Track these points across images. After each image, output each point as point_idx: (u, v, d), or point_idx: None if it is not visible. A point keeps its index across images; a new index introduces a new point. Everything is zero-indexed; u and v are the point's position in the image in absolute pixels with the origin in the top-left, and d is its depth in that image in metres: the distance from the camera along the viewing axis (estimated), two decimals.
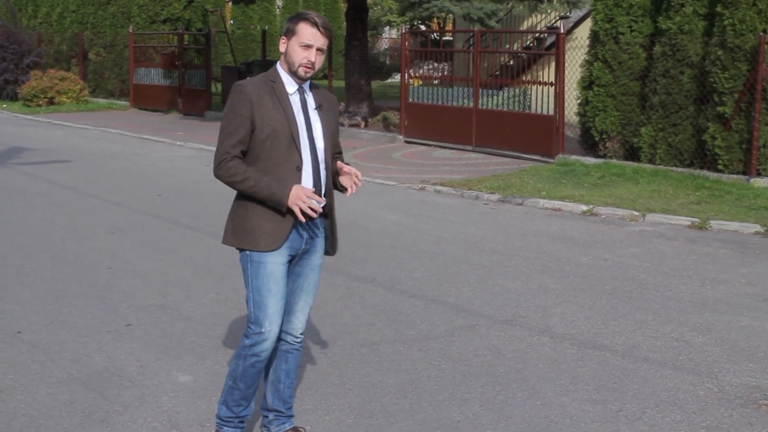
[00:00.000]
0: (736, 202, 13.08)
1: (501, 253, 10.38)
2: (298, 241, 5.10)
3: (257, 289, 5.05)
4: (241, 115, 4.94)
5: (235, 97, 4.98)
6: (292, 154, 4.98)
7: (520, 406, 6.07)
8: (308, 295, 5.29)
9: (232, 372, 5.20)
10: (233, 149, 4.95)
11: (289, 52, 5.02)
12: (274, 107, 4.97)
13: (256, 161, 4.99)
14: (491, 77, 21.02)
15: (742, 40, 14.31)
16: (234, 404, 5.24)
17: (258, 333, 5.05)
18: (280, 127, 4.95)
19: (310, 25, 4.95)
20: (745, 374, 6.66)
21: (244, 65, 27.33)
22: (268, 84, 5.03)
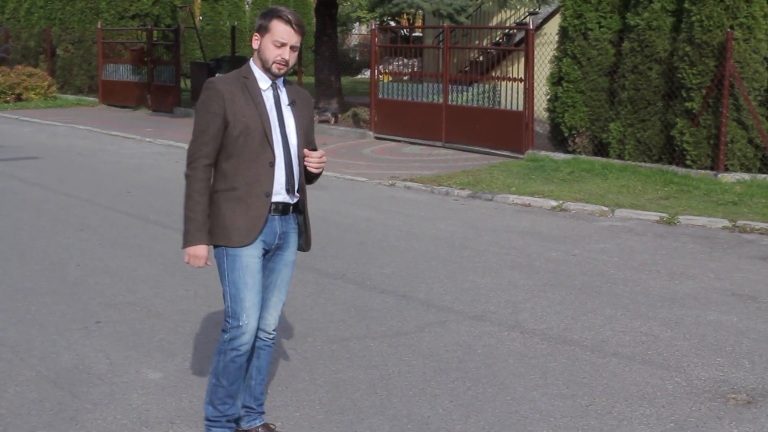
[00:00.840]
0: (704, 197, 13.16)
1: (471, 248, 10.40)
2: (271, 236, 5.12)
3: (233, 283, 5.07)
4: (212, 112, 4.95)
5: (207, 94, 4.99)
6: (265, 151, 5.00)
7: (491, 401, 6.09)
8: (281, 291, 5.31)
9: (215, 369, 5.20)
10: (205, 147, 4.97)
11: (262, 49, 5.03)
12: (247, 104, 4.98)
13: (230, 158, 5.00)
14: (461, 73, 21.04)
15: (709, 36, 14.39)
16: (219, 403, 5.23)
17: (236, 327, 5.06)
18: (253, 123, 4.96)
19: (284, 22, 4.96)
20: (713, 368, 6.71)
21: (213, 61, 27.22)
22: (240, 80, 5.04)
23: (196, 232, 4.99)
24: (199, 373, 6.55)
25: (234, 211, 5.01)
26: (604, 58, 16.26)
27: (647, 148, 15.53)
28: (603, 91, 16.36)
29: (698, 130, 14.65)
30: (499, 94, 18.79)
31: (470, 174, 15.43)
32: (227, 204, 5.02)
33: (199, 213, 4.98)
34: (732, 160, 14.46)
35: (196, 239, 5.00)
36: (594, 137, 16.47)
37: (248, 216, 5.00)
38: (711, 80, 14.42)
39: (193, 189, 4.99)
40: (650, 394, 6.21)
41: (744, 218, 11.74)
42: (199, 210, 4.98)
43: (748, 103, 14.17)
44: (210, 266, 5.16)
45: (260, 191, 5.01)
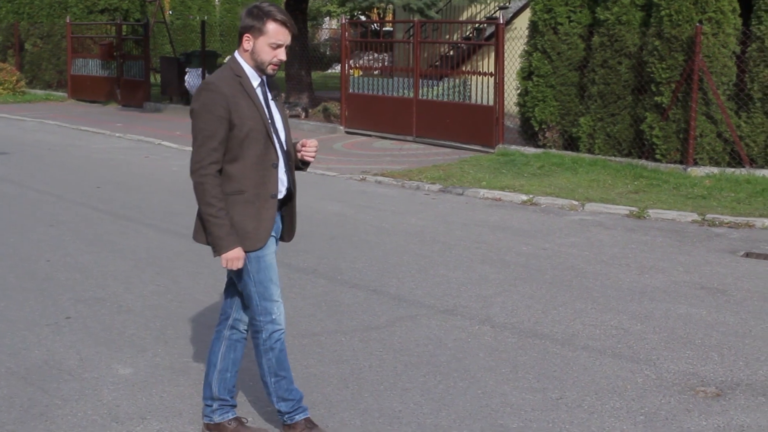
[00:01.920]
0: (673, 191, 13.23)
1: (442, 243, 10.41)
2: (277, 230, 5.24)
3: (261, 283, 5.11)
4: (218, 116, 4.90)
5: (210, 97, 4.93)
6: (269, 152, 5.02)
7: (461, 395, 6.10)
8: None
9: (269, 369, 5.25)
10: (215, 153, 4.92)
11: (257, 51, 4.98)
12: (248, 106, 4.96)
13: (235, 160, 4.98)
14: (431, 68, 21.05)
15: (678, 30, 14.46)
16: (288, 393, 5.30)
17: (270, 321, 5.15)
18: (257, 125, 4.97)
19: (280, 24, 4.93)
20: (683, 361, 6.75)
21: (183, 56, 27.07)
22: (236, 80, 5.00)
23: (227, 237, 4.95)
24: (169, 369, 6.53)
25: (243, 214, 5.01)
26: (574, 53, 16.31)
27: (617, 143, 15.60)
28: (573, 85, 16.42)
29: (667, 124, 14.72)
30: (469, 88, 18.81)
31: (441, 168, 15.44)
32: (236, 208, 5.00)
33: (224, 218, 4.93)
34: (701, 154, 14.54)
35: (230, 243, 4.96)
36: (564, 131, 16.52)
37: (258, 219, 5.04)
38: (680, 74, 14.49)
39: (210, 195, 4.92)
40: (620, 387, 6.25)
41: (713, 212, 11.81)
42: (223, 215, 4.93)
43: (716, 98, 14.26)
44: (181, 262, 5.13)
45: (267, 193, 5.04)
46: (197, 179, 4.94)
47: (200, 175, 4.93)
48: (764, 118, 14.28)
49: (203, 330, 7.35)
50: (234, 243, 4.96)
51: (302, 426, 5.33)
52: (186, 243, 10.20)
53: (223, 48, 40.50)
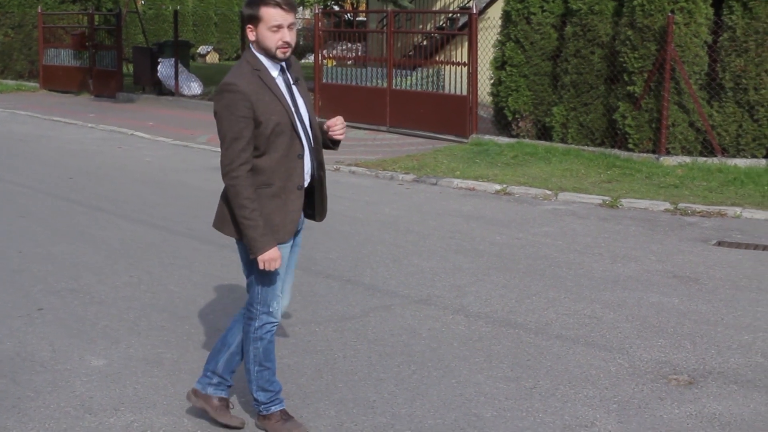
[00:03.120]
0: (646, 180, 13.29)
1: (416, 233, 10.42)
2: (300, 222, 5.24)
3: (269, 275, 5.12)
4: (243, 117, 4.88)
5: (231, 98, 4.90)
6: (294, 143, 5.02)
7: (436, 384, 6.11)
8: (291, 274, 5.41)
9: (255, 358, 5.28)
10: (243, 153, 4.90)
11: (260, 39, 4.95)
12: (271, 100, 4.94)
13: (263, 154, 4.97)
14: (405, 58, 21.03)
15: (651, 20, 14.50)
16: (268, 384, 5.34)
17: (266, 312, 5.19)
18: (282, 119, 4.96)
19: (272, 6, 4.88)
20: (656, 349, 6.78)
21: (156, 46, 26.93)
22: (255, 75, 4.96)
23: (262, 238, 4.93)
24: (143, 360, 6.51)
25: (271, 207, 5.01)
26: (547, 43, 16.33)
27: (590, 132, 15.65)
28: (546, 75, 16.44)
29: (640, 113, 14.77)
30: (443, 78, 18.81)
31: (415, 158, 15.45)
32: (263, 200, 4.99)
33: (258, 219, 4.92)
34: (673, 143, 14.60)
35: (266, 244, 4.94)
36: (537, 121, 16.55)
37: (285, 212, 5.05)
38: (652, 64, 14.54)
39: (243, 197, 4.90)
40: (593, 376, 6.27)
41: (685, 201, 11.86)
42: (256, 216, 4.92)
43: (689, 87, 14.31)
44: (154, 253, 5.12)
45: (293, 185, 5.05)
46: (229, 182, 4.93)
47: (232, 177, 4.91)
48: (736, 108, 14.35)
49: (177, 321, 7.34)
50: (269, 243, 4.95)
51: (277, 417, 5.34)
52: (159, 234, 10.17)
53: (196, 38, 40.36)
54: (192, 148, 17.29)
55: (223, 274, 8.67)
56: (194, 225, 10.59)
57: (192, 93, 25.58)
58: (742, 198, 12.02)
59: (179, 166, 15.17)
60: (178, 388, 6.02)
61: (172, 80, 25.56)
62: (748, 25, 14.12)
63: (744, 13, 14.20)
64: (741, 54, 14.22)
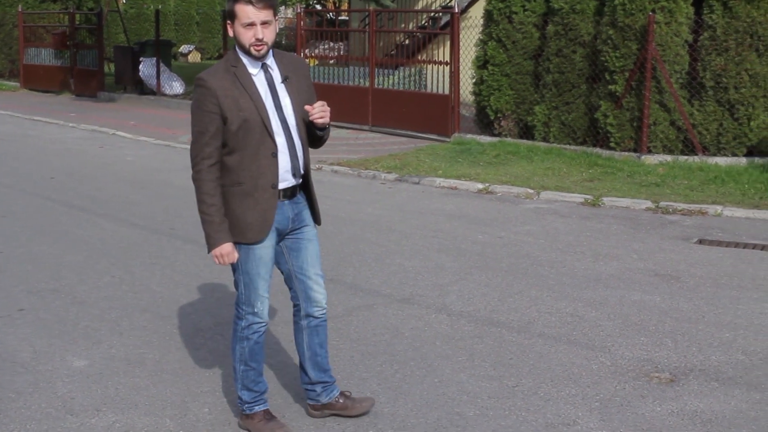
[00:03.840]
0: (627, 179, 13.32)
1: (398, 231, 10.42)
2: (284, 222, 5.18)
3: (247, 273, 5.14)
4: (208, 111, 4.92)
5: (199, 92, 4.95)
6: (266, 141, 4.99)
7: (418, 383, 6.12)
8: (315, 265, 5.37)
9: (240, 356, 5.29)
10: (207, 147, 4.94)
11: (236, 36, 4.98)
12: (241, 96, 4.95)
13: (232, 152, 4.99)
14: (387, 57, 21.04)
15: (632, 19, 14.55)
16: (253, 384, 5.35)
17: (251, 313, 5.20)
18: (251, 116, 4.94)
19: (245, 3, 4.88)
20: (637, 347, 6.80)
21: (137, 45, 26.89)
22: (230, 71, 4.99)
23: (215, 234, 4.97)
24: (124, 360, 6.50)
25: (243, 206, 5.02)
26: (529, 42, 16.36)
27: (572, 131, 15.69)
28: (528, 74, 16.48)
29: (621, 112, 14.82)
30: (425, 77, 18.83)
31: (397, 157, 15.45)
32: (235, 199, 5.02)
33: (215, 214, 4.96)
34: (655, 142, 14.65)
35: (219, 240, 4.98)
36: (519, 120, 16.58)
37: (257, 210, 5.03)
38: (634, 63, 14.59)
39: (202, 191, 4.96)
40: (576, 374, 6.29)
41: (666, 199, 11.90)
42: (214, 211, 4.96)
43: (670, 86, 14.37)
44: (136, 253, 5.11)
45: (266, 184, 5.02)
46: (193, 175, 5.00)
47: (195, 171, 4.98)
48: (716, 107, 14.40)
49: (159, 321, 7.32)
50: (222, 239, 4.98)
51: (260, 417, 5.35)
52: (141, 233, 10.15)
53: (178, 37, 40.29)
54: (174, 147, 17.26)
55: (205, 273, 8.65)
56: (176, 224, 10.57)
57: (174, 92, 25.55)
58: (722, 196, 12.06)
59: (161, 165, 15.13)
60: (160, 388, 6.01)
61: (153, 79, 25.51)
62: (728, 25, 14.18)
63: (724, 13, 14.26)
64: (721, 53, 14.28)
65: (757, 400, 5.87)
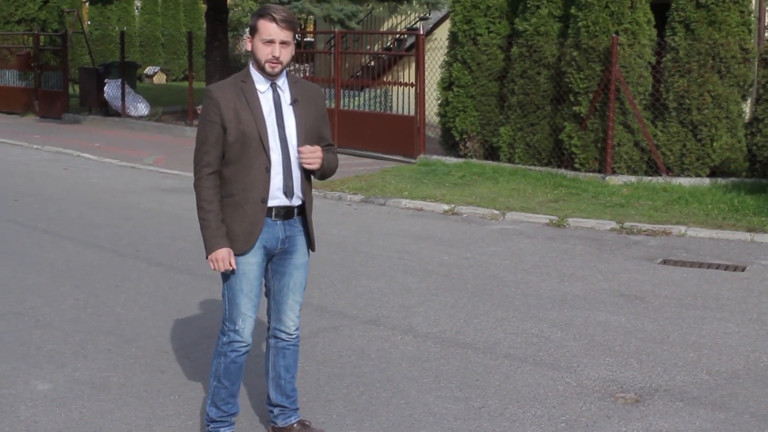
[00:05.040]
0: (592, 199, 13.39)
1: (364, 253, 10.42)
2: (273, 241, 5.19)
3: (231, 288, 5.20)
4: (210, 121, 5.02)
5: (205, 103, 5.08)
6: (260, 156, 5.04)
7: (384, 405, 6.11)
8: (295, 293, 5.39)
9: (215, 372, 5.29)
10: (206, 156, 5.04)
11: (254, 50, 5.07)
12: (243, 109, 5.02)
13: (228, 164, 5.07)
14: (352, 78, 21.09)
15: (595, 41, 14.66)
16: (222, 403, 5.32)
17: (233, 331, 5.21)
18: (249, 129, 5.01)
19: (269, 20, 4.98)
20: (603, 368, 6.83)
21: (102, 67, 26.79)
22: (237, 85, 5.09)
23: (212, 239, 5.05)
24: (89, 384, 6.45)
25: (232, 217, 5.08)
26: (494, 63, 16.44)
27: (537, 152, 15.76)
28: (493, 95, 16.55)
29: (586, 133, 14.91)
30: (390, 98, 18.88)
31: (363, 179, 15.46)
32: (226, 210, 5.08)
33: (212, 220, 5.04)
34: (619, 163, 14.75)
35: (216, 245, 5.05)
36: (485, 141, 16.64)
37: (245, 222, 5.07)
38: (598, 85, 14.69)
39: (201, 198, 5.06)
40: (542, 395, 6.30)
41: (631, 220, 11.97)
42: (212, 217, 5.03)
43: (633, 107, 14.48)
44: (101, 275, 5.08)
45: (256, 197, 5.06)
46: (194, 183, 5.10)
47: (196, 178, 5.09)
48: (679, 127, 14.52)
49: (123, 344, 7.28)
50: (219, 244, 5.04)
51: None
52: (106, 256, 10.09)
53: (143, 59, 40.18)
54: (139, 169, 17.19)
55: (170, 295, 8.61)
56: (141, 246, 10.52)
57: (139, 114, 25.47)
58: (686, 217, 12.14)
59: (126, 187, 15.06)
60: (124, 412, 5.97)
61: (118, 101, 25.43)
62: (691, 47, 14.32)
63: (686, 35, 14.40)
64: (684, 75, 14.42)
65: (721, 419, 5.90)
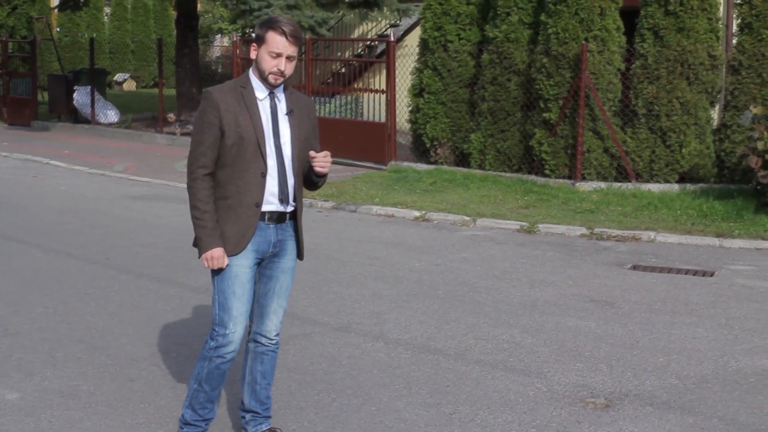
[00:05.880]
0: (562, 205, 13.44)
1: (335, 260, 10.42)
2: (265, 245, 5.23)
3: (222, 292, 5.16)
4: (208, 122, 5.04)
5: (204, 104, 5.09)
6: (257, 161, 5.08)
7: (356, 412, 6.11)
8: (281, 297, 5.40)
9: (197, 375, 5.28)
10: (202, 157, 5.07)
11: (259, 60, 5.10)
12: (242, 114, 5.06)
13: (223, 167, 5.10)
14: (323, 85, 21.09)
15: (565, 48, 14.72)
16: (199, 407, 5.31)
17: (222, 335, 5.17)
18: (247, 134, 5.05)
19: (279, 33, 5.03)
20: (573, 373, 6.85)
21: (71, 74, 26.68)
22: (237, 90, 5.13)
23: (208, 238, 5.07)
24: (58, 392, 6.41)
25: (225, 219, 5.11)
26: (464, 70, 16.49)
27: (507, 158, 15.80)
28: (463, 102, 16.59)
29: (556, 140, 14.97)
30: (361, 105, 18.88)
31: (334, 186, 15.45)
32: (219, 212, 5.12)
33: (208, 220, 5.07)
34: (589, 169, 14.81)
35: (211, 244, 5.07)
36: (455, 148, 16.67)
37: (237, 225, 5.10)
38: (567, 91, 14.75)
39: (196, 198, 5.09)
40: (512, 401, 6.31)
41: (601, 226, 12.02)
42: (207, 217, 5.07)
43: (603, 114, 14.54)
44: (70, 283, 5.06)
45: (250, 201, 5.10)
46: (187, 183, 5.13)
47: (189, 179, 5.11)
48: (648, 134, 14.60)
49: (93, 352, 7.24)
50: (214, 243, 5.06)
51: None
52: (75, 263, 10.04)
53: (113, 66, 40.03)
54: (109, 176, 17.12)
55: (140, 303, 8.58)
56: (111, 254, 10.48)
57: (109, 121, 25.38)
58: (655, 222, 12.21)
59: (96, 194, 15.00)
60: (94, 420, 5.94)
61: (88, 108, 25.33)
62: (660, 53, 14.40)
63: (655, 42, 14.48)
64: (653, 81, 14.50)
65: (690, 424, 5.93)
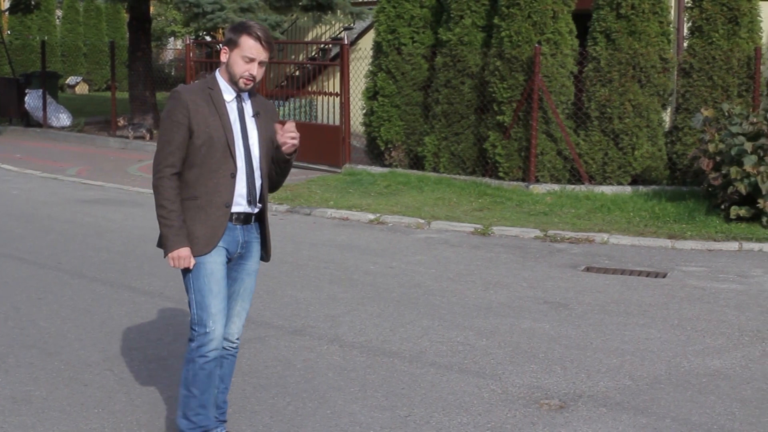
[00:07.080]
0: (516, 208, 13.50)
1: (290, 263, 10.40)
2: (234, 245, 5.23)
3: (199, 290, 5.15)
4: (177, 122, 5.02)
5: (172, 104, 5.06)
6: (227, 161, 5.09)
7: (311, 415, 6.10)
8: (244, 300, 5.40)
9: (185, 380, 5.24)
10: (170, 157, 5.05)
11: (231, 63, 5.10)
12: (211, 114, 5.06)
13: (192, 167, 5.08)
14: (277, 88, 21.04)
15: (518, 51, 14.80)
16: (193, 414, 5.25)
17: (203, 333, 5.14)
18: (216, 134, 5.05)
19: (254, 38, 5.05)
20: (527, 375, 6.88)
21: (23, 77, 26.45)
22: (206, 91, 5.12)
23: (174, 237, 5.05)
24: (10, 398, 6.35)
25: (194, 220, 5.09)
26: (418, 73, 16.52)
27: (461, 161, 15.85)
28: (417, 105, 16.62)
29: (509, 142, 15.04)
30: (315, 108, 18.86)
31: (288, 189, 15.41)
32: (188, 213, 5.10)
33: (174, 219, 5.04)
34: (542, 171, 14.89)
35: (177, 243, 5.05)
36: (410, 151, 16.70)
37: (207, 225, 5.09)
38: (521, 94, 14.83)
39: (163, 197, 5.05)
40: (467, 403, 6.33)
41: (554, 228, 12.09)
42: (174, 216, 5.04)
43: (556, 116, 14.63)
44: (22, 288, 5.01)
45: (220, 201, 5.10)
46: (154, 182, 5.10)
47: (156, 178, 5.08)
48: (601, 136, 14.71)
49: (46, 357, 7.18)
50: (180, 243, 5.05)
51: None
52: (27, 268, 9.95)
53: (65, 69, 39.69)
54: (61, 180, 16.98)
55: (93, 308, 8.51)
56: (63, 258, 10.40)
57: (61, 124, 25.18)
58: (608, 224, 12.30)
59: (48, 198, 14.87)
60: (47, 426, 5.89)
61: (40, 111, 25.11)
62: (612, 56, 14.51)
63: (607, 45, 14.60)
64: (605, 84, 14.61)
65: (643, 424, 5.98)
